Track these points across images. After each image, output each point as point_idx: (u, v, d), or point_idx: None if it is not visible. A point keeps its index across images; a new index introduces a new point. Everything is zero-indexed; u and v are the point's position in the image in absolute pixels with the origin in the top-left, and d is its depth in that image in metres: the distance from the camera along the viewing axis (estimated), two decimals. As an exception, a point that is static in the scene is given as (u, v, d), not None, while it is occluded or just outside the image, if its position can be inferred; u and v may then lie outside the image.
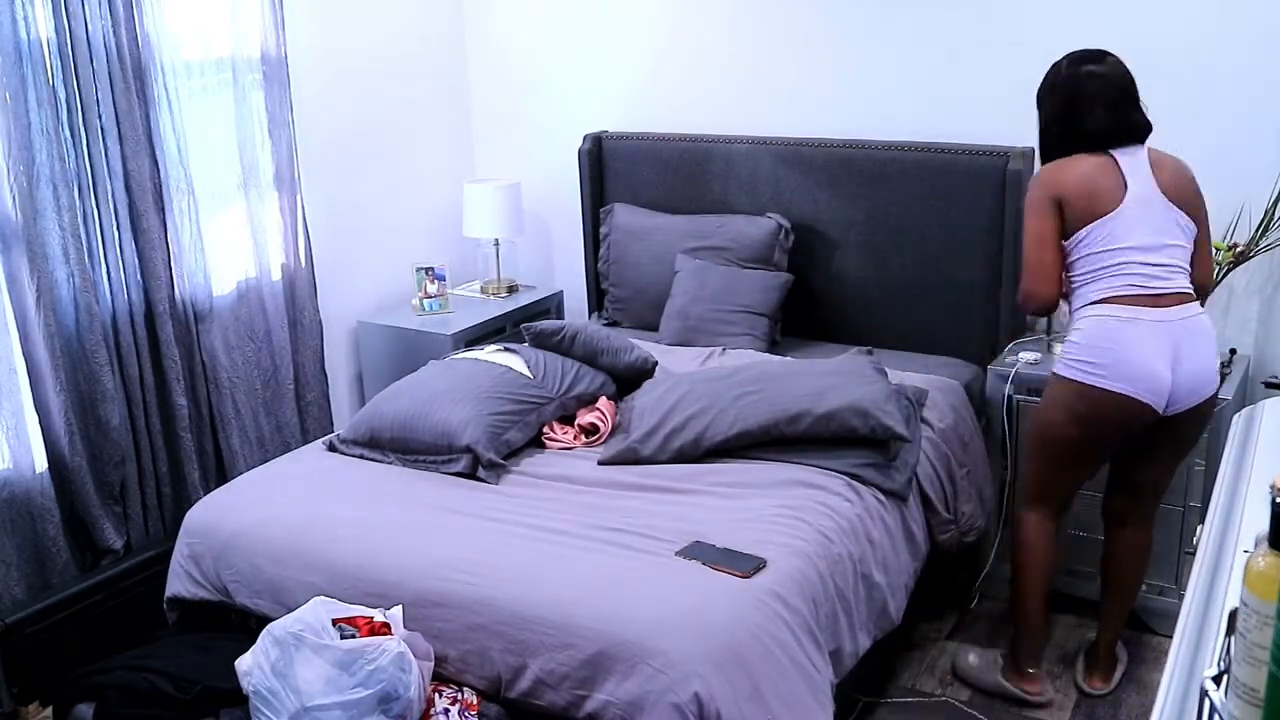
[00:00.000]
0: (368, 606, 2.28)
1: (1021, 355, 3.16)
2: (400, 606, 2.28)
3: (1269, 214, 3.03)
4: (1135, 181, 2.50)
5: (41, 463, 2.95)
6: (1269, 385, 3.05)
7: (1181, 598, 1.43)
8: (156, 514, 3.22)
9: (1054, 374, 2.61)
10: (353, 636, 2.17)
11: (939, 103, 3.45)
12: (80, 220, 2.94)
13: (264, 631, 2.21)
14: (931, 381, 3.17)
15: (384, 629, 2.19)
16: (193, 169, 3.20)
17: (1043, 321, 3.43)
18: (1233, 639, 1.03)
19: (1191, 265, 2.54)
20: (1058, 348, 3.23)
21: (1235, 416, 1.95)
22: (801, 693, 2.15)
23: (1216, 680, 1.06)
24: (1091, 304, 2.52)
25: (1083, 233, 2.51)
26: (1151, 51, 3.14)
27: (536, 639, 2.16)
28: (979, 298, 3.38)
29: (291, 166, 3.48)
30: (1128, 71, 2.56)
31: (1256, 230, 3.05)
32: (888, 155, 3.43)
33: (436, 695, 2.21)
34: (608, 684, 2.07)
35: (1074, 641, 3.09)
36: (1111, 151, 2.53)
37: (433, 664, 2.25)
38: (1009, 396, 3.09)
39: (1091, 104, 2.52)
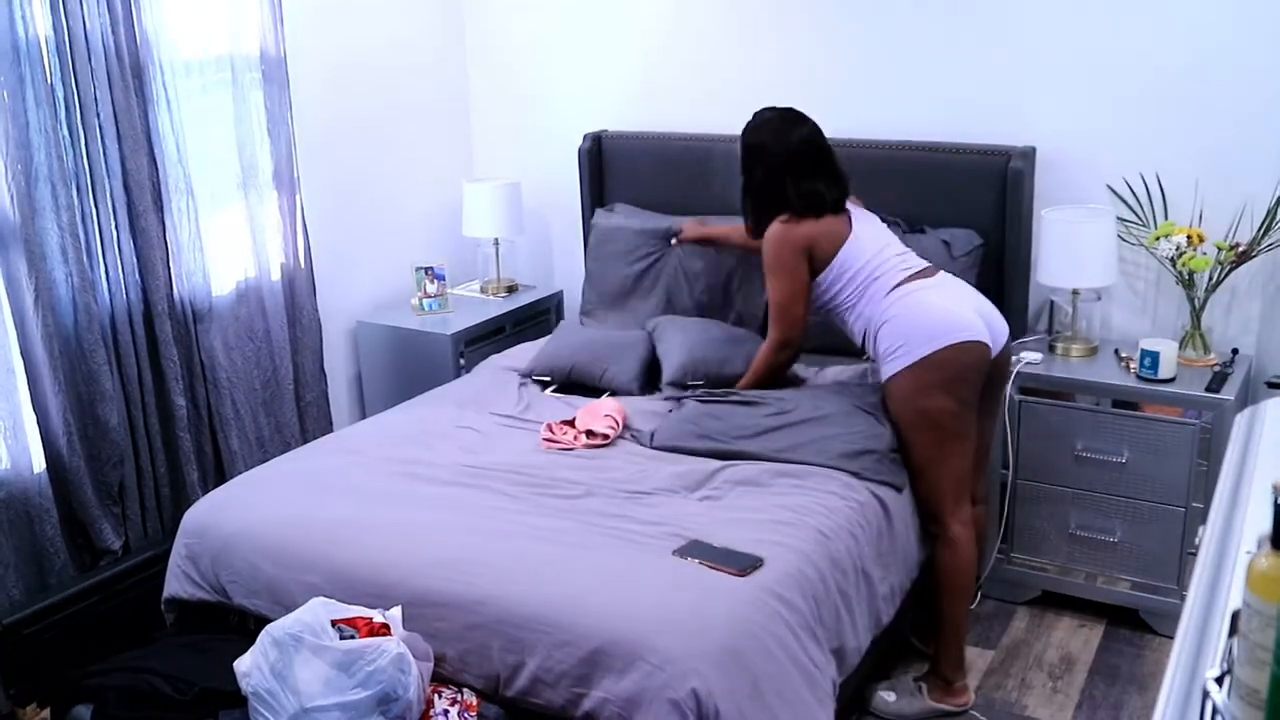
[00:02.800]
0: (366, 607, 2.27)
1: (1023, 355, 3.15)
2: (400, 607, 2.28)
3: (1271, 213, 3.02)
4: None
5: (39, 463, 2.94)
6: (1271, 385, 3.04)
7: (1183, 598, 1.42)
8: (155, 514, 3.21)
9: (893, 374, 2.69)
10: (352, 637, 2.16)
11: (940, 103, 3.44)
12: (78, 219, 2.93)
13: (263, 632, 2.21)
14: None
15: (383, 630, 2.19)
16: (191, 168, 3.19)
17: (1044, 321, 3.43)
18: (1235, 640, 1.03)
19: None
20: (1058, 347, 3.23)
21: (1237, 417, 1.95)
22: (801, 690, 2.15)
23: (1219, 681, 1.06)
24: (878, 304, 2.72)
25: (834, 263, 2.78)
26: (1154, 51, 3.15)
27: (534, 637, 2.15)
28: (979, 297, 3.37)
29: (290, 166, 3.47)
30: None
31: (1258, 230, 3.05)
32: (887, 155, 3.42)
33: (436, 696, 2.21)
34: (605, 681, 2.07)
35: (1075, 642, 3.09)
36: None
37: (432, 664, 2.24)
38: (1010, 396, 3.07)
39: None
